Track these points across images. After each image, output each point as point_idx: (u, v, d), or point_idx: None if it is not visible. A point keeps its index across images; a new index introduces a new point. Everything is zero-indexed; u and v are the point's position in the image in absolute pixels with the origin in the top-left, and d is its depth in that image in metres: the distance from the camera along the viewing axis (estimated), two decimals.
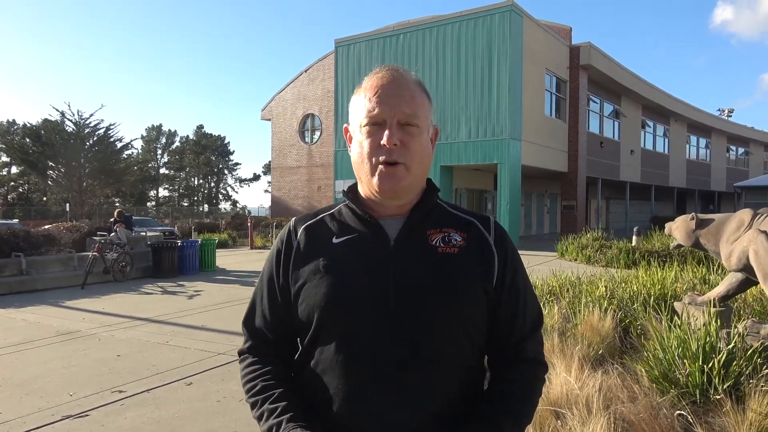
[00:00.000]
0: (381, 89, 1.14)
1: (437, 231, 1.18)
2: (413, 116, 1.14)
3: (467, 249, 1.17)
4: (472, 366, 1.17)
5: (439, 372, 1.11)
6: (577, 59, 23.46)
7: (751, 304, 5.68)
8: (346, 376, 1.10)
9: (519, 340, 1.20)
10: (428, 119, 1.18)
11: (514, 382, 1.17)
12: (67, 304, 8.96)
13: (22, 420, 3.94)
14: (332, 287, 1.13)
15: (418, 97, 1.16)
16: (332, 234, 1.20)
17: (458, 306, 1.13)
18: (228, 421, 3.91)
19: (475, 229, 1.20)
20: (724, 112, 49.31)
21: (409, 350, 1.09)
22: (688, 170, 36.42)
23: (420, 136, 1.15)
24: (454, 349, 1.13)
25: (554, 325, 4.97)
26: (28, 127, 37.90)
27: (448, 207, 1.26)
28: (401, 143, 1.12)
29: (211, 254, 14.08)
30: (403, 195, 1.17)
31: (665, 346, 3.73)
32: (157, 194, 68.08)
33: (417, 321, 1.10)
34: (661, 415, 3.01)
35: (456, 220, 1.22)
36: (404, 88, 1.15)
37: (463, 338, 1.14)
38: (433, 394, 1.10)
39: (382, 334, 1.09)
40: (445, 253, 1.15)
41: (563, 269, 8.26)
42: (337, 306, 1.12)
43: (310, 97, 31.23)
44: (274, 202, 32.95)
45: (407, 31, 21.70)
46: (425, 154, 1.17)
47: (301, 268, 1.18)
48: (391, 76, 1.16)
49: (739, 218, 4.66)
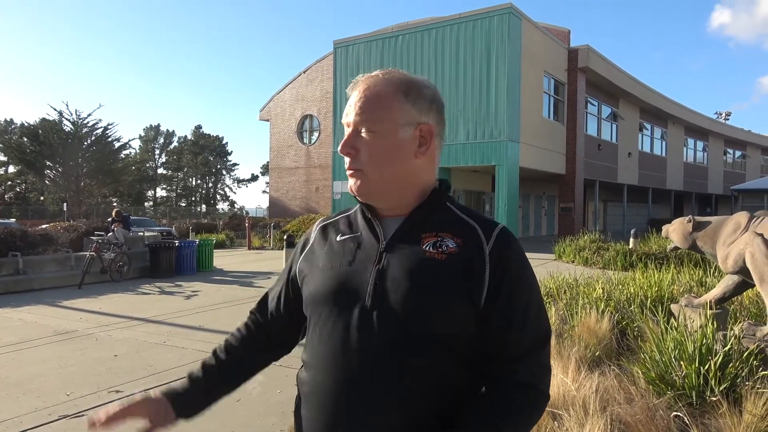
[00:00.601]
0: (348, 97, 1.17)
1: (432, 235, 1.12)
2: (367, 122, 1.12)
3: (457, 257, 1.09)
4: (453, 384, 1.07)
5: (405, 385, 1.04)
6: (576, 62, 23.51)
7: (747, 306, 5.70)
8: (318, 375, 1.11)
9: (511, 360, 1.08)
10: (396, 121, 1.12)
11: (493, 408, 1.05)
12: (64, 303, 8.94)
13: (18, 420, 3.94)
14: (322, 283, 1.15)
15: (377, 101, 1.12)
16: (339, 233, 1.22)
17: (430, 316, 1.06)
18: (225, 422, 3.91)
19: (473, 237, 1.12)
20: (722, 115, 49.59)
21: (376, 357, 1.05)
22: (685, 173, 36.51)
23: (379, 140, 1.11)
24: (424, 362, 1.05)
25: (551, 326, 4.98)
26: (25, 127, 37.84)
27: (458, 210, 1.18)
28: (355, 150, 1.13)
29: (208, 255, 14.06)
30: (374, 199, 1.16)
31: (662, 348, 3.74)
32: (155, 194, 68.01)
33: (387, 327, 1.06)
34: (658, 417, 3.02)
35: (458, 224, 1.15)
36: (359, 94, 1.14)
37: (438, 351, 1.06)
38: (396, 407, 1.04)
39: (353, 336, 1.08)
40: (431, 259, 1.09)
41: (560, 271, 8.28)
42: (321, 302, 1.14)
43: (308, 98, 31.23)
44: (272, 202, 32.94)
45: (406, 33, 21.72)
46: (386, 158, 1.12)
47: (307, 262, 1.23)
48: (354, 83, 1.17)
49: (735, 221, 4.68)
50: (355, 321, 1.08)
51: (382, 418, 1.04)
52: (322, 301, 1.14)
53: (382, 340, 1.06)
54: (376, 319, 1.07)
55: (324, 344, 1.12)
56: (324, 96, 29.97)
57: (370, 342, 1.06)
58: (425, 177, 1.17)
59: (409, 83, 1.15)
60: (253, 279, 12.22)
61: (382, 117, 1.12)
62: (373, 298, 1.08)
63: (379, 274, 1.10)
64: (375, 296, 1.08)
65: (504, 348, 1.08)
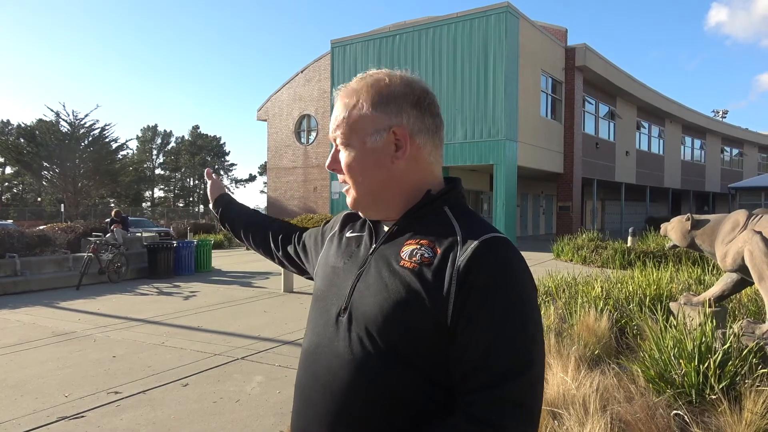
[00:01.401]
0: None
1: (414, 242, 1.05)
2: (340, 136, 1.12)
3: (428, 267, 1.00)
4: (414, 398, 0.98)
5: (360, 392, 1.00)
6: (573, 60, 23.53)
7: (746, 304, 5.71)
8: (299, 368, 1.15)
9: (469, 390, 0.94)
10: (364, 130, 1.08)
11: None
12: (63, 305, 8.92)
13: (17, 421, 3.93)
14: (323, 279, 1.19)
15: (345, 113, 1.10)
16: (351, 229, 1.25)
17: (389, 325, 0.99)
18: (224, 422, 3.90)
19: (451, 247, 1.01)
20: (719, 113, 49.62)
21: (340, 361, 1.04)
22: (683, 171, 36.57)
23: (351, 153, 1.10)
24: (381, 371, 0.99)
25: (550, 325, 4.99)
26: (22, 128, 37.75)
27: (453, 215, 1.09)
28: (338, 164, 1.14)
29: (206, 255, 14.05)
30: (365, 211, 1.16)
31: (661, 347, 3.75)
32: (153, 195, 67.91)
33: (352, 332, 1.04)
34: (658, 415, 3.02)
35: (444, 231, 1.05)
36: (337, 108, 1.13)
37: (397, 363, 0.99)
38: (350, 414, 1.01)
39: (327, 336, 1.08)
40: (402, 267, 1.02)
41: (559, 270, 8.28)
42: (317, 297, 1.18)
43: (306, 98, 31.21)
44: (270, 203, 32.89)
45: (403, 32, 21.72)
46: (361, 170, 1.09)
47: (324, 247, 1.30)
48: (336, 95, 1.15)
49: (734, 219, 4.68)
50: (332, 320, 1.09)
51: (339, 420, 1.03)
52: (319, 295, 1.17)
53: (346, 343, 1.04)
54: (345, 322, 1.06)
55: (308, 338, 1.15)
56: (322, 96, 29.94)
57: (338, 344, 1.05)
58: (413, 179, 1.10)
59: (377, 88, 1.08)
60: (252, 279, 12.21)
61: (351, 129, 1.09)
62: (348, 302, 1.08)
63: (359, 278, 1.09)
64: (350, 301, 1.07)
65: (463, 375, 0.96)
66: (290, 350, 5.83)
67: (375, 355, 1.00)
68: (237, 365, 5.35)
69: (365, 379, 1.00)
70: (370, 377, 1.00)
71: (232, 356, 5.65)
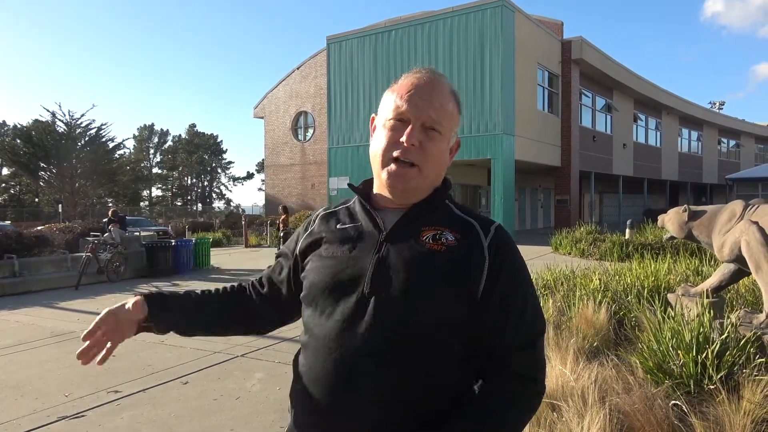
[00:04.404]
0: (415, 88, 1.17)
1: (431, 228, 1.16)
2: (438, 122, 1.16)
3: (456, 249, 1.12)
4: (447, 373, 1.10)
5: (395, 372, 1.06)
6: (569, 53, 23.50)
7: (743, 294, 5.73)
8: (314, 358, 1.14)
9: (505, 352, 1.11)
10: (452, 129, 1.20)
11: (489, 399, 1.08)
12: (61, 305, 8.92)
13: (17, 422, 3.93)
14: (323, 269, 1.18)
15: (447, 105, 1.18)
16: (338, 222, 1.25)
17: (426, 304, 1.08)
18: (224, 420, 3.91)
19: (472, 232, 1.16)
20: (716, 105, 49.68)
21: (370, 343, 1.07)
22: (680, 163, 36.60)
23: (440, 141, 1.17)
24: (421, 351, 1.07)
25: (549, 318, 5.00)
26: (18, 128, 37.70)
27: (455, 208, 1.23)
28: (420, 144, 1.14)
29: (205, 253, 14.05)
30: (411, 195, 1.18)
31: (659, 338, 3.76)
32: (151, 194, 67.80)
33: (383, 314, 1.08)
34: (656, 406, 3.03)
35: (456, 220, 1.19)
36: (437, 93, 1.17)
37: (430, 341, 1.08)
38: (384, 395, 1.05)
39: (349, 322, 1.10)
40: (431, 250, 1.12)
41: (557, 263, 8.29)
42: (322, 288, 1.16)
43: (302, 95, 31.16)
44: (268, 200, 32.87)
45: (399, 27, 21.67)
46: (441, 160, 1.19)
47: (308, 249, 1.26)
48: (428, 79, 1.19)
49: (731, 209, 4.69)
50: (352, 307, 1.11)
51: (369, 404, 1.06)
52: (323, 286, 1.16)
53: (377, 326, 1.08)
54: (373, 306, 1.09)
55: (322, 327, 1.14)
56: (318, 92, 29.89)
57: (365, 328, 1.08)
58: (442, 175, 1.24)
59: (457, 96, 1.23)
60: (251, 277, 12.11)
61: (449, 123, 1.19)
62: (371, 286, 1.10)
63: (379, 261, 1.12)
64: (373, 283, 1.10)
65: (501, 338, 1.11)
66: (290, 347, 5.84)
67: (409, 333, 1.07)
68: (237, 362, 5.35)
69: (400, 358, 1.06)
70: (404, 355, 1.06)
71: (232, 354, 5.66)
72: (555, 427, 2.94)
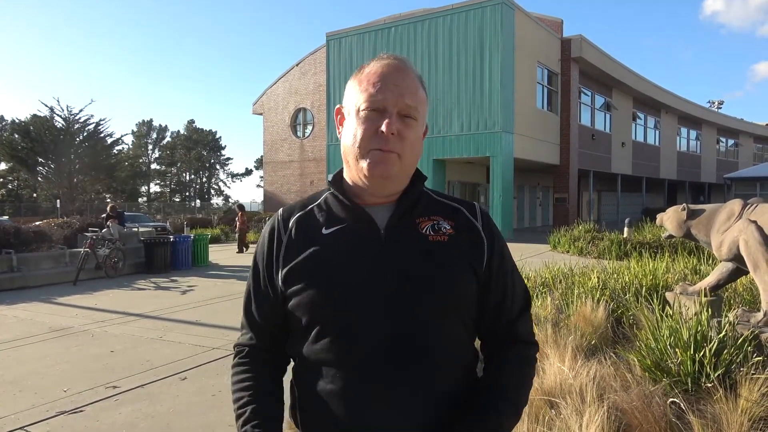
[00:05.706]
0: (386, 76, 1.13)
1: (426, 219, 1.17)
2: (414, 108, 1.14)
3: (457, 236, 1.17)
4: (466, 355, 1.18)
5: (435, 364, 1.10)
6: (569, 52, 23.49)
7: (741, 293, 5.74)
8: (340, 374, 1.09)
9: (509, 322, 1.21)
10: (424, 115, 1.19)
11: (506, 368, 1.19)
12: (60, 300, 8.91)
13: (16, 417, 3.93)
14: (324, 280, 1.11)
15: (419, 91, 1.17)
16: (321, 225, 1.17)
17: (452, 295, 1.13)
18: (223, 415, 3.91)
19: (462, 217, 1.21)
20: (714, 104, 49.64)
21: (405, 342, 1.08)
22: (678, 162, 36.64)
23: (417, 128, 1.16)
24: (449, 339, 1.13)
25: (547, 316, 5.00)
26: (16, 123, 37.61)
27: (434, 195, 1.25)
28: (398, 133, 1.11)
29: (203, 249, 14.05)
30: (391, 183, 1.15)
31: (657, 336, 3.77)
32: (149, 190, 67.67)
33: (411, 312, 1.09)
34: (654, 404, 3.04)
35: (443, 207, 1.22)
36: (409, 80, 1.15)
37: (458, 327, 1.15)
38: (431, 387, 1.10)
39: (376, 327, 1.08)
40: (436, 242, 1.15)
41: (556, 261, 8.30)
42: (329, 299, 1.10)
43: (301, 91, 31.11)
44: (267, 197, 32.86)
45: (399, 24, 21.64)
46: (417, 147, 1.17)
47: (293, 261, 1.15)
48: (398, 66, 1.15)
49: (729, 209, 4.70)
50: (374, 314, 1.08)
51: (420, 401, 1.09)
52: (330, 299, 1.10)
53: (405, 329, 1.09)
54: (398, 309, 1.09)
55: (338, 344, 1.10)
56: (317, 89, 29.85)
57: (394, 333, 1.08)
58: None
59: (421, 75, 1.22)
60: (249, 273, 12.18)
61: (422, 109, 1.18)
62: (391, 288, 1.09)
63: (391, 262, 1.11)
64: (392, 285, 1.09)
65: (502, 310, 1.21)
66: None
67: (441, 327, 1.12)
68: None
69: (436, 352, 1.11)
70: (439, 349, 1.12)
71: (230, 350, 5.65)
72: (553, 425, 2.95)
